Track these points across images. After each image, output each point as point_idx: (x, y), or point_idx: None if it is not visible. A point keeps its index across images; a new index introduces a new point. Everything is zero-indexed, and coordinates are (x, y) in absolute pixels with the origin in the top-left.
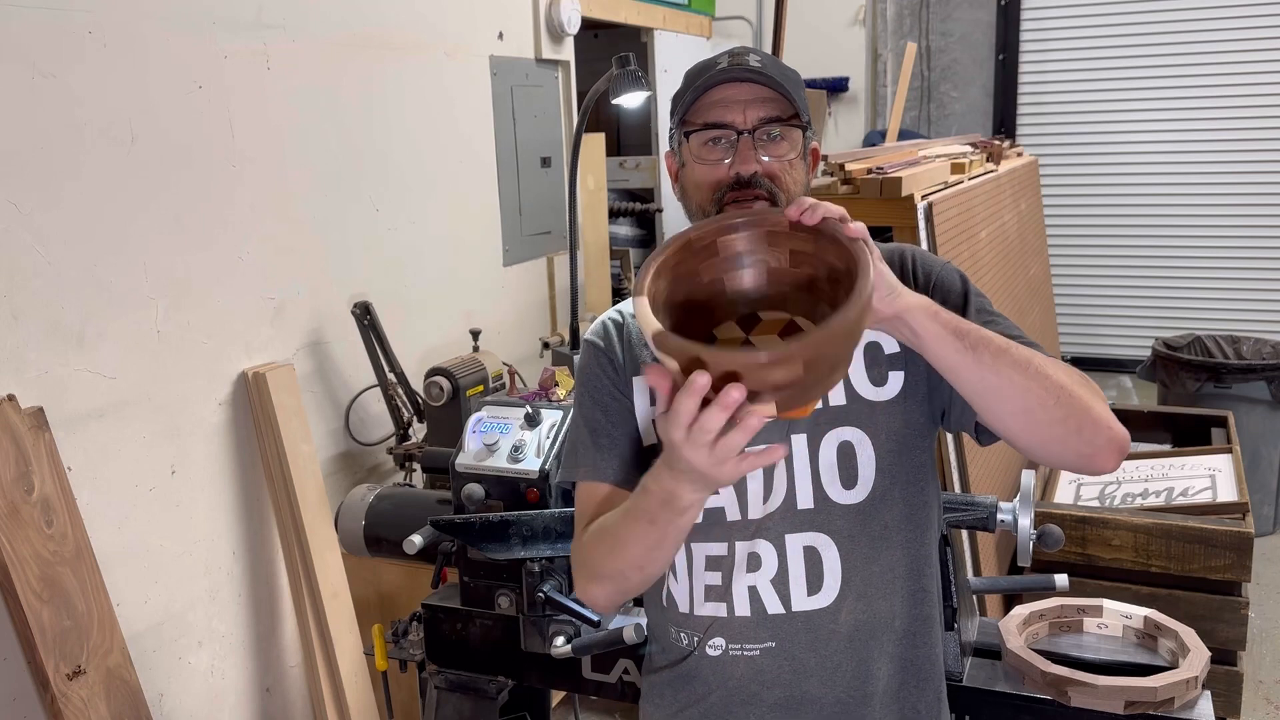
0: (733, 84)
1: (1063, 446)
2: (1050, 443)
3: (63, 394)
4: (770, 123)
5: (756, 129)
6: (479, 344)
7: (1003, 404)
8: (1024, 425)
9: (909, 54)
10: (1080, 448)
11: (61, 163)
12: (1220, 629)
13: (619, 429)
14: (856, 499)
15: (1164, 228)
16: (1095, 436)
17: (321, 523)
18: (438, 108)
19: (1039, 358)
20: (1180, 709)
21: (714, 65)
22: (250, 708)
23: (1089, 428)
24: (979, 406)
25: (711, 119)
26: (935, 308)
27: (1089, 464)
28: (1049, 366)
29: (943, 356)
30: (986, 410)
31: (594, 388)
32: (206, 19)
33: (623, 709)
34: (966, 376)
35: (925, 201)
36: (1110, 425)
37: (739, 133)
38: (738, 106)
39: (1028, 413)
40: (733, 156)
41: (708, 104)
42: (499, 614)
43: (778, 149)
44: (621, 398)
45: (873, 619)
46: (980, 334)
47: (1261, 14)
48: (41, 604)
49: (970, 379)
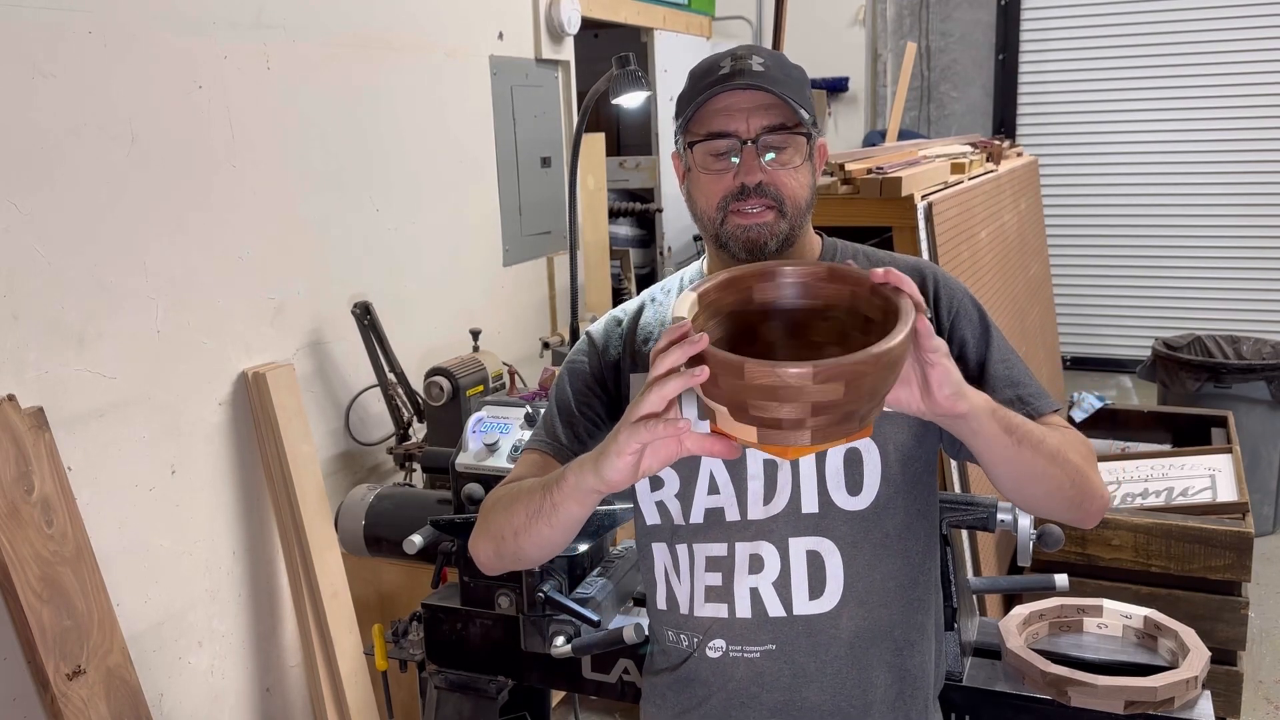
0: (735, 92)
1: (1063, 514)
2: (1053, 512)
3: (63, 394)
4: (773, 131)
5: (759, 138)
6: (479, 344)
7: (1029, 488)
8: (1041, 503)
9: (909, 54)
10: (1077, 515)
11: (62, 163)
12: (1220, 629)
13: (582, 413)
14: (861, 506)
15: (1164, 228)
16: (1091, 506)
17: (321, 523)
18: (438, 108)
19: (1062, 445)
20: (1180, 709)
21: (717, 67)
22: (250, 708)
23: (1089, 501)
24: (1003, 485)
25: (714, 128)
26: (993, 406)
27: (1076, 524)
28: (1070, 452)
29: (990, 451)
30: (1010, 490)
31: (573, 373)
32: (206, 19)
33: (623, 709)
34: (1006, 467)
35: (925, 201)
36: (1102, 495)
37: (742, 142)
38: (741, 115)
39: (1049, 496)
40: (737, 165)
41: (710, 112)
42: (499, 614)
43: (782, 156)
44: (597, 389)
45: (873, 627)
46: (1025, 429)
47: (1261, 14)
48: (41, 604)
49: (1008, 469)
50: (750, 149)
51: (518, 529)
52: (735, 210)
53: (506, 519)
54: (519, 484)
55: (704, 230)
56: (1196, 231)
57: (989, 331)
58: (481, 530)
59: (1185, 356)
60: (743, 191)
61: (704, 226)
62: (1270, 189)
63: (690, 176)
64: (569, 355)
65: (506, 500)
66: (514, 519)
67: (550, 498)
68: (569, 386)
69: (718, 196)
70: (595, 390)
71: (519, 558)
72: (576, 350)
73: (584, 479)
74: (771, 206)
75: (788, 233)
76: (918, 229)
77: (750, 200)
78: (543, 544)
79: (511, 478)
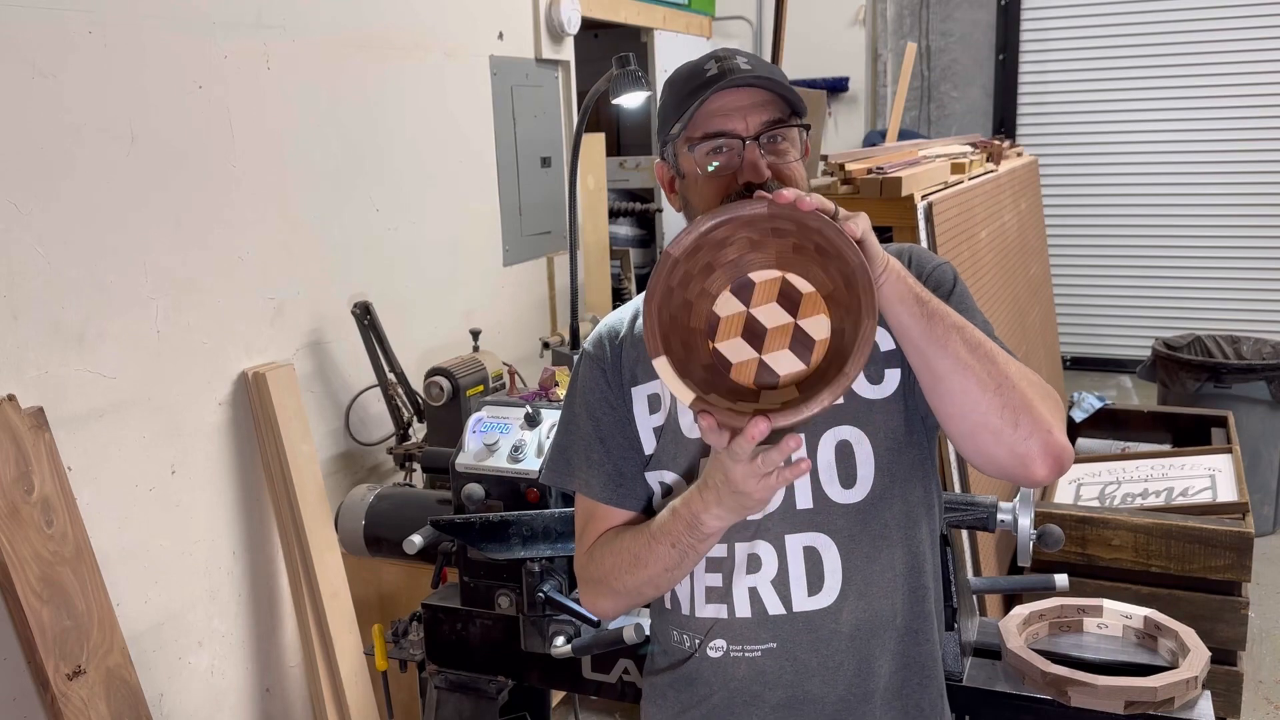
0: (730, 91)
1: (995, 439)
2: (982, 431)
3: (63, 394)
4: (773, 126)
5: (760, 135)
6: (479, 344)
7: (944, 380)
8: (960, 406)
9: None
10: (1014, 444)
11: (61, 163)
12: (1220, 629)
13: (610, 444)
14: (856, 498)
15: (1164, 228)
16: (1031, 435)
17: (321, 523)
18: (438, 108)
19: (995, 347)
20: (1180, 709)
21: (702, 71)
22: (250, 708)
23: (1026, 423)
24: (924, 381)
25: (713, 129)
26: (906, 272)
27: (1022, 466)
28: (1001, 357)
29: (898, 315)
30: (929, 387)
31: (589, 399)
32: (206, 19)
33: (623, 709)
34: (916, 342)
35: (925, 201)
36: (1050, 429)
37: (744, 140)
38: (738, 114)
39: (965, 392)
40: (739, 165)
41: (706, 114)
42: (499, 614)
43: (783, 151)
44: (615, 410)
45: (874, 617)
46: (941, 307)
47: (1261, 14)
48: (41, 604)
49: (920, 346)
50: (752, 146)
51: (658, 582)
52: None
53: (638, 575)
54: (621, 541)
55: None
56: (1196, 231)
57: (956, 287)
58: (601, 591)
59: (1185, 356)
60: (748, 189)
61: None
62: (1270, 189)
63: (685, 183)
64: (575, 381)
65: (626, 560)
66: (647, 575)
67: (694, 546)
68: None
69: (719, 198)
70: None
71: (654, 598)
72: (583, 377)
73: (725, 520)
74: None
75: None
76: (918, 229)
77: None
78: (678, 581)
79: (589, 534)
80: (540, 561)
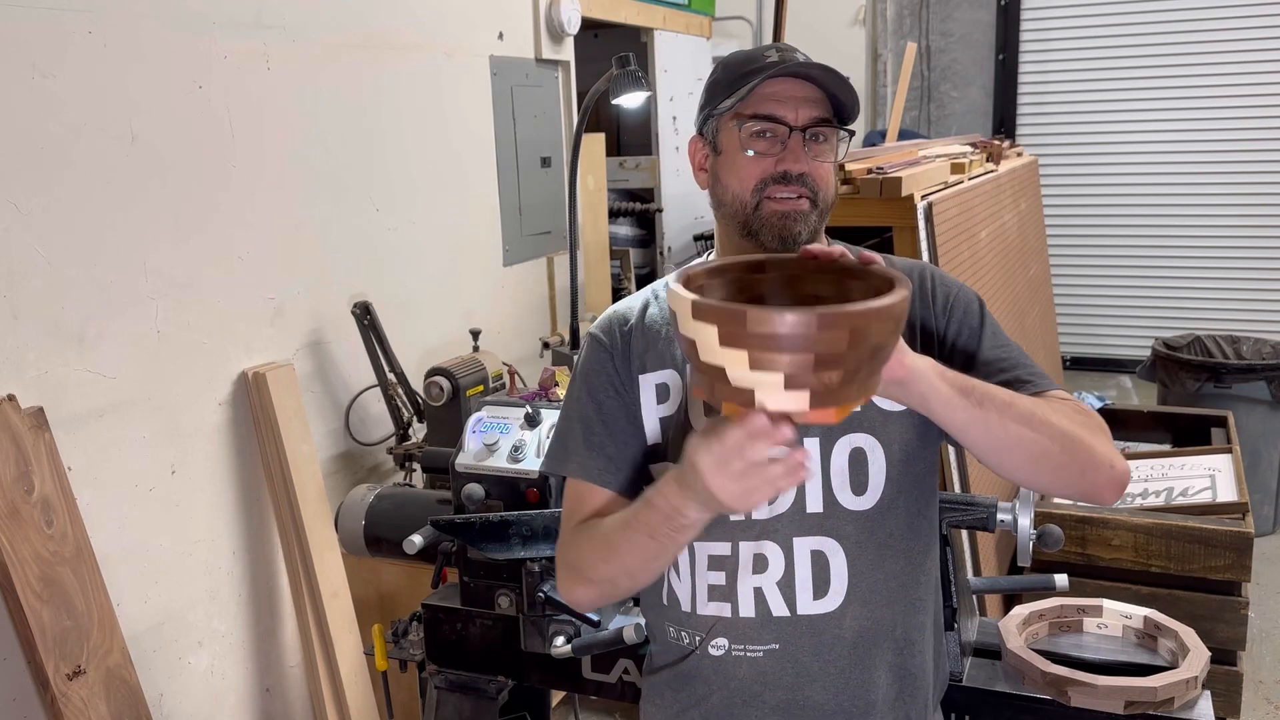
0: (787, 79)
1: (1068, 487)
2: (1055, 485)
3: (63, 394)
4: (821, 123)
5: (808, 128)
6: (479, 344)
7: (1010, 457)
8: (1030, 474)
9: (909, 54)
10: (1084, 487)
11: (61, 163)
12: (1220, 629)
13: (612, 427)
14: (865, 506)
15: (1164, 228)
16: (1097, 477)
17: (321, 523)
18: (437, 108)
19: (1042, 407)
20: (1180, 709)
21: (762, 57)
22: (250, 708)
23: (1091, 470)
24: (987, 460)
25: (764, 111)
26: (940, 368)
27: (1092, 499)
28: (1053, 415)
29: (950, 416)
30: (995, 464)
31: (592, 383)
32: (206, 19)
33: (623, 709)
34: (975, 435)
35: (925, 201)
36: (1112, 464)
37: (790, 129)
38: (791, 104)
39: (1034, 462)
40: (780, 151)
41: (761, 96)
42: (499, 614)
43: (822, 150)
44: (620, 395)
45: (875, 627)
46: (985, 390)
47: (1261, 14)
48: (41, 604)
49: (978, 436)
50: (798, 137)
51: (634, 572)
52: (771, 196)
53: (614, 565)
54: (599, 527)
55: (730, 216)
56: (1196, 231)
57: (984, 323)
58: (577, 578)
59: (1185, 356)
60: (783, 178)
61: (732, 212)
62: (1270, 189)
63: (720, 159)
64: (579, 365)
65: (602, 548)
66: (623, 564)
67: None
68: (591, 405)
69: (754, 179)
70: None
71: (632, 590)
72: (588, 360)
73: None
74: (807, 197)
75: (817, 225)
76: (918, 229)
77: (789, 187)
78: (658, 573)
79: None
80: (540, 561)
